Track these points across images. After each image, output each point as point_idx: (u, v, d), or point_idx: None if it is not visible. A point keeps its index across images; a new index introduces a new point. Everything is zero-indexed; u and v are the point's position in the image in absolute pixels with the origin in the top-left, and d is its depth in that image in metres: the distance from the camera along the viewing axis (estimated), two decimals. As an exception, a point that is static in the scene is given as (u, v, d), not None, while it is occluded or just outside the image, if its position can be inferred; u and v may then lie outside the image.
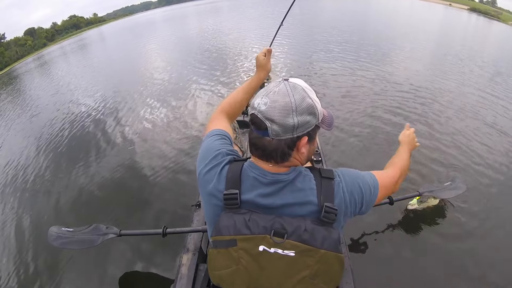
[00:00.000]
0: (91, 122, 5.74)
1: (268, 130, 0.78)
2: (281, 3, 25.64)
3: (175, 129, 4.75)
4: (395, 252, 2.28)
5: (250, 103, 0.90)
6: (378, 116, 4.56)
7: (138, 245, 2.53)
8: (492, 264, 2.17)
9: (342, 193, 0.84)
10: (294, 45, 10.23)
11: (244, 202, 0.82)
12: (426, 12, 25.05)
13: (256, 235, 0.77)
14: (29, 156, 4.85)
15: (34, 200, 3.62)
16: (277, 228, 0.77)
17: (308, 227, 0.77)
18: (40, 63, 20.16)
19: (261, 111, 0.78)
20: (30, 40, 59.60)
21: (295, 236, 0.76)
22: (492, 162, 3.38)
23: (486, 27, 21.15)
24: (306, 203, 0.82)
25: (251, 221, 0.78)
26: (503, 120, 4.53)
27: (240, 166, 0.86)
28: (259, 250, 0.78)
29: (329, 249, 0.77)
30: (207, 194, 0.88)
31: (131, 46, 17.54)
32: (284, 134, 0.79)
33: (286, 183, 0.83)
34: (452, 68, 7.33)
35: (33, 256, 2.73)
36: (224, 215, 0.82)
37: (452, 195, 2.44)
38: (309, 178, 0.85)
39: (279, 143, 0.80)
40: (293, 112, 0.77)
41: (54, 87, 9.90)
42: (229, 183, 0.84)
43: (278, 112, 0.76)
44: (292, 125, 0.78)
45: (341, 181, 0.86)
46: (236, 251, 0.79)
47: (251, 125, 0.84)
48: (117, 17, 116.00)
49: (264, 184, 0.83)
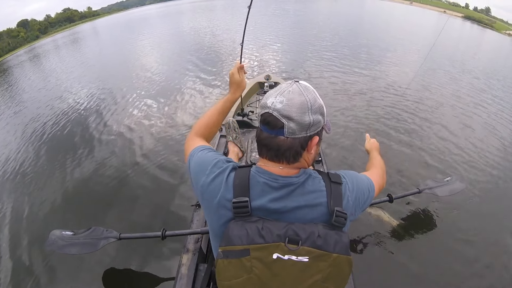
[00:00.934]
0: (82, 119, 5.71)
1: (284, 128, 0.78)
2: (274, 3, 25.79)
3: (173, 130, 4.75)
4: (395, 252, 2.31)
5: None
6: (375, 118, 4.67)
7: (137, 247, 2.53)
8: (492, 264, 2.23)
9: (349, 197, 0.86)
10: (288, 45, 10.36)
11: (255, 209, 0.81)
12: (421, 18, 25.39)
13: (271, 243, 0.76)
14: (18, 154, 4.80)
15: (29, 202, 3.54)
16: (291, 235, 0.76)
17: (321, 233, 0.77)
18: (32, 55, 19.84)
19: (277, 109, 0.78)
20: (23, 32, 58.63)
21: (309, 242, 0.76)
22: (491, 161, 3.48)
23: (480, 36, 21.56)
24: (317, 205, 0.82)
25: (264, 230, 0.76)
26: (500, 121, 4.72)
27: (247, 172, 0.85)
28: (273, 258, 0.76)
29: (340, 253, 0.77)
30: (215, 206, 0.85)
31: (124, 41, 17.40)
32: (300, 132, 0.79)
33: (297, 185, 0.83)
34: (448, 72, 7.54)
35: (30, 259, 2.70)
36: (234, 224, 0.79)
37: (451, 193, 2.45)
38: (319, 180, 0.86)
39: (293, 142, 0.80)
40: (309, 110, 0.78)
41: (44, 82, 9.82)
42: (237, 190, 0.82)
43: (296, 109, 0.77)
44: (308, 123, 0.79)
45: (347, 185, 0.88)
46: (249, 261, 0.77)
47: (261, 126, 0.83)
48: (111, 11, 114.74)
49: (275, 189, 0.82)
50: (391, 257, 2.27)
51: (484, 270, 2.19)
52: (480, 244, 2.39)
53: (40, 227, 3.04)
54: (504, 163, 3.53)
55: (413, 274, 2.15)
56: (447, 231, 2.49)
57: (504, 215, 2.70)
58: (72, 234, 2.05)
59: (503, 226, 2.58)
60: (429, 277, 2.14)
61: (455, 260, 2.26)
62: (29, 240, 2.94)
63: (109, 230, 2.05)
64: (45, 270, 2.55)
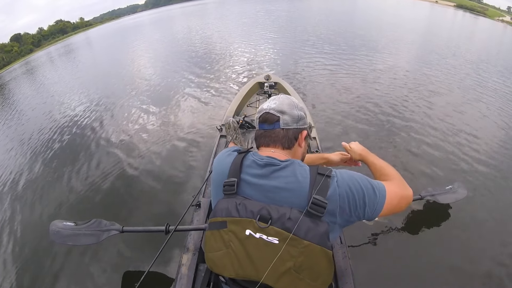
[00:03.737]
0: (82, 128, 5.70)
1: (280, 120, 0.97)
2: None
3: (171, 131, 4.76)
4: (395, 252, 2.29)
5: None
6: (372, 118, 4.62)
7: (139, 242, 2.52)
8: (493, 265, 2.23)
9: (337, 188, 0.85)
10: (283, 43, 10.40)
11: (242, 182, 0.92)
12: (413, 9, 25.37)
13: (244, 218, 0.84)
14: (25, 159, 4.87)
15: (35, 198, 3.64)
16: (263, 214, 0.82)
17: (292, 216, 0.80)
18: (26, 69, 19.82)
19: (272, 108, 0.98)
20: (16, 46, 58.59)
21: (279, 223, 0.80)
22: (494, 166, 3.40)
23: (472, 24, 21.49)
24: (296, 189, 0.86)
25: (241, 205, 0.86)
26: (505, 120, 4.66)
27: (242, 156, 0.98)
28: (246, 234, 0.83)
29: (313, 241, 0.78)
30: (216, 185, 0.99)
31: (118, 50, 17.40)
32: (292, 123, 0.98)
33: (279, 167, 0.90)
34: (447, 68, 7.46)
35: (32, 251, 2.73)
36: (221, 200, 0.92)
37: (453, 200, 2.44)
38: (304, 169, 0.90)
39: (287, 132, 0.98)
40: (295, 107, 1.00)
41: (41, 95, 9.84)
42: (231, 172, 0.94)
43: (287, 105, 0.99)
44: (297, 115, 0.99)
45: (336, 177, 0.88)
46: (227, 233, 0.86)
47: (259, 125, 1.02)
48: (103, 20, 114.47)
49: (259, 165, 0.92)
50: (392, 257, 2.26)
51: (487, 272, 2.19)
52: (483, 246, 2.38)
53: (44, 223, 3.08)
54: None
55: (413, 274, 2.15)
56: (448, 232, 2.48)
57: (506, 218, 2.68)
58: (74, 225, 2.00)
59: (505, 229, 2.57)
60: (429, 278, 2.14)
61: (455, 261, 2.25)
62: (32, 232, 3.03)
63: (112, 223, 2.00)
64: (43, 263, 2.56)
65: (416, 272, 2.17)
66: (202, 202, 2.10)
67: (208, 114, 5.18)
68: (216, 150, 2.92)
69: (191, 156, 3.91)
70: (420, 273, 2.16)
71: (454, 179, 2.99)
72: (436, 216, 2.60)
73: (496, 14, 41.38)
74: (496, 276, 2.15)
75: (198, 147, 4.09)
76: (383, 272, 2.15)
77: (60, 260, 2.56)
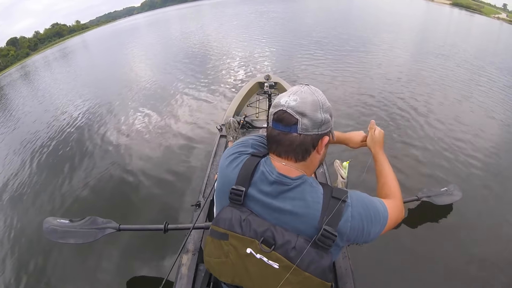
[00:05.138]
0: (79, 131, 5.69)
1: (298, 124, 0.79)
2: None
3: (170, 131, 4.76)
4: (395, 252, 2.31)
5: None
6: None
7: (137, 241, 2.48)
8: (493, 265, 2.24)
9: (350, 219, 0.79)
10: (279, 42, 10.44)
11: (248, 196, 0.84)
12: (409, 7, 25.49)
13: (246, 237, 0.78)
14: (24, 159, 4.89)
15: (31, 197, 3.65)
16: (267, 237, 0.76)
17: (297, 246, 0.75)
18: (23, 73, 19.79)
19: (292, 106, 0.79)
20: (12, 50, 58.50)
21: (282, 250, 0.75)
22: (489, 167, 3.41)
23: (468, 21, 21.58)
24: (304, 216, 0.79)
25: (245, 222, 0.79)
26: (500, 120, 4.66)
27: (256, 161, 0.86)
28: (247, 252, 0.78)
29: (314, 275, 0.74)
30: (221, 190, 0.91)
31: (114, 53, 17.40)
32: (312, 129, 0.80)
33: (289, 187, 0.81)
34: (442, 68, 7.47)
35: (26, 250, 2.71)
36: (226, 208, 0.84)
37: (448, 202, 2.50)
38: (316, 191, 0.82)
39: (305, 138, 0.81)
40: (321, 109, 0.80)
41: (37, 98, 9.81)
42: (240, 179, 0.85)
43: (309, 106, 0.79)
44: (320, 120, 0.80)
45: (351, 206, 0.81)
46: (227, 245, 0.81)
47: (273, 123, 0.83)
48: (100, 23, 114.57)
49: (269, 182, 0.82)
50: (392, 257, 2.29)
51: (486, 272, 2.20)
52: (482, 247, 2.39)
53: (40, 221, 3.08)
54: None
55: (413, 275, 2.17)
56: (447, 233, 2.50)
57: (503, 219, 2.69)
58: (68, 222, 1.93)
59: (503, 230, 2.58)
60: (429, 278, 2.16)
61: (452, 261, 2.27)
62: (27, 230, 3.03)
63: (108, 220, 1.94)
64: (37, 263, 2.54)
65: (415, 272, 2.19)
66: (202, 201, 2.09)
67: (207, 114, 5.17)
68: (216, 150, 2.91)
69: (190, 156, 3.90)
70: (420, 273, 2.19)
71: (450, 180, 3.03)
72: (432, 217, 2.62)
73: (491, 11, 41.69)
74: (491, 277, 2.17)
75: (197, 147, 4.09)
76: (383, 272, 2.17)
77: (52, 259, 2.54)
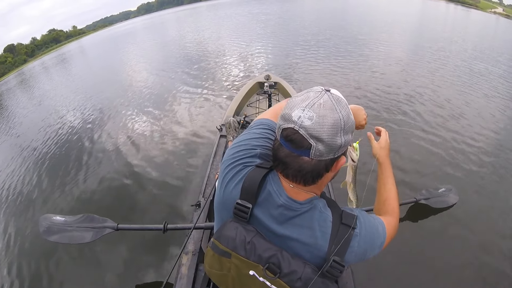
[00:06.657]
0: (80, 129, 5.75)
1: (312, 150, 0.64)
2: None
3: (170, 131, 4.77)
4: (395, 252, 2.29)
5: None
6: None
7: (136, 241, 2.46)
8: (493, 266, 2.26)
9: (356, 248, 0.75)
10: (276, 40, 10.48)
11: (254, 216, 0.76)
12: (405, 3, 25.52)
13: (250, 261, 0.72)
14: (23, 158, 4.95)
15: (30, 197, 3.68)
16: (272, 263, 0.70)
17: (304, 277, 0.69)
18: (21, 80, 19.84)
19: (305, 127, 0.62)
20: (10, 57, 58.50)
21: (287, 279, 0.70)
22: (487, 170, 3.40)
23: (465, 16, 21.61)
24: (311, 245, 0.74)
25: (250, 244, 0.72)
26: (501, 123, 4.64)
27: (261, 174, 0.75)
28: (249, 274, 0.73)
29: None
30: (220, 202, 0.83)
31: (111, 57, 17.43)
32: (327, 154, 0.66)
33: (296, 213, 0.74)
34: (442, 67, 7.45)
35: (25, 250, 2.71)
36: (230, 223, 0.75)
37: (445, 205, 2.54)
38: (325, 218, 0.75)
39: (318, 164, 0.67)
40: (342, 131, 0.64)
41: (36, 104, 9.83)
42: (244, 193, 0.75)
43: (327, 130, 0.62)
44: (339, 145, 0.65)
45: (359, 235, 0.75)
46: (229, 262, 0.75)
47: (281, 138, 0.68)
48: (96, 28, 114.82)
49: (276, 205, 0.74)
50: (391, 258, 2.28)
51: (486, 273, 2.22)
52: (481, 247, 2.42)
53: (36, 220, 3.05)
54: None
55: (413, 274, 2.19)
56: (446, 233, 2.52)
57: (499, 221, 2.71)
58: (64, 220, 1.89)
59: (500, 232, 2.60)
60: (428, 278, 2.17)
61: (450, 261, 2.29)
62: (24, 229, 3.03)
63: (104, 219, 1.91)
64: (33, 263, 2.53)
65: (415, 271, 2.22)
66: (202, 201, 2.09)
67: (207, 114, 5.19)
68: (216, 150, 2.91)
69: (190, 155, 3.90)
70: (419, 272, 2.21)
71: (447, 181, 3.05)
72: (430, 218, 2.64)
73: (488, 6, 41.73)
74: (489, 278, 2.19)
75: (198, 147, 4.09)
76: (383, 272, 2.19)
77: (49, 258, 2.53)
